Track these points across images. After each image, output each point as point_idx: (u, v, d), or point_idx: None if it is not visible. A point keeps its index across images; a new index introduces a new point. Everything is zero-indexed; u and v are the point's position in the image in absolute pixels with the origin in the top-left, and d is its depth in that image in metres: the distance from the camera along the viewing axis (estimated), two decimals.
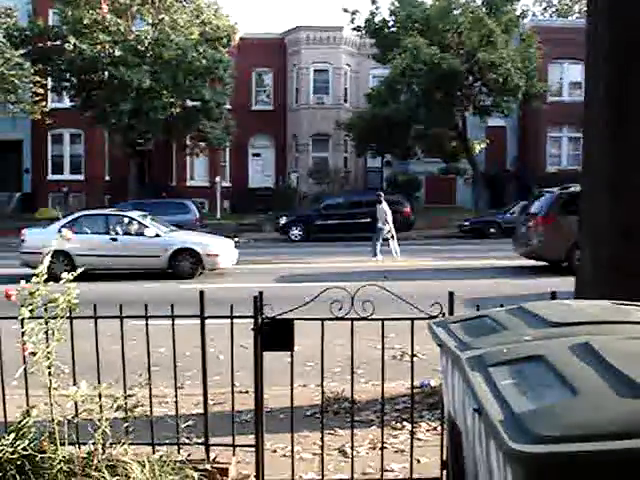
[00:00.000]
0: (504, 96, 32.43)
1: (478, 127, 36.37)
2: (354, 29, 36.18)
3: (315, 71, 42.08)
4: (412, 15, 33.07)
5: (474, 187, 36.80)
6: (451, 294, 4.61)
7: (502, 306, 3.46)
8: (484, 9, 32.87)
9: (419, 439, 5.65)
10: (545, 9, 59.21)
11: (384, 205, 22.22)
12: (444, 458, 4.46)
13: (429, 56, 30.33)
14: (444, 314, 4.46)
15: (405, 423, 6.12)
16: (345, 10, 35.14)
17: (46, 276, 4.05)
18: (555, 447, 1.84)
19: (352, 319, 4.60)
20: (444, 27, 32.15)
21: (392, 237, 21.95)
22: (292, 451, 4.93)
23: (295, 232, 30.00)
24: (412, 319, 4.65)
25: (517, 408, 2.05)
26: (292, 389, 4.90)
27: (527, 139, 40.97)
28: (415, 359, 5.20)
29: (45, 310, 4.11)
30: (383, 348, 4.81)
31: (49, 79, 35.18)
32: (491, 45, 31.11)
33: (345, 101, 42.39)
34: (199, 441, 5.06)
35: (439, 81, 31.06)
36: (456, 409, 2.99)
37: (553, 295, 4.39)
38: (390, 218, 22.05)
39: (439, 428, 5.40)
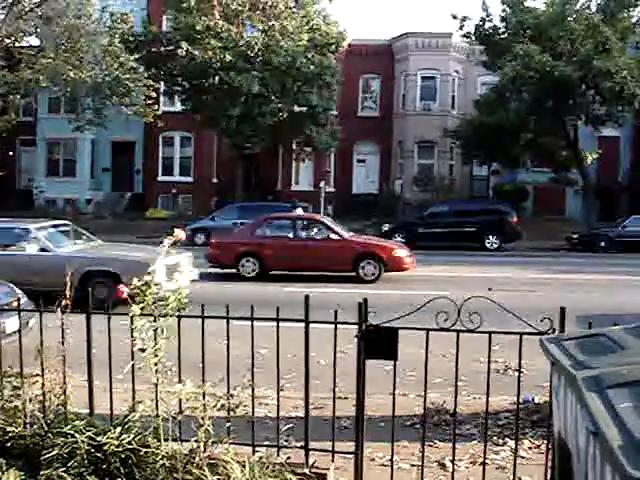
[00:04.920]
0: (619, 105, 31.29)
1: (590, 137, 35.24)
2: (463, 36, 35.68)
3: (422, 77, 41.78)
4: (524, 22, 32.31)
5: (584, 199, 35.67)
6: (563, 310, 4.43)
7: (616, 325, 3.32)
8: (599, 16, 31.81)
9: (522, 457, 5.50)
10: None
11: (298, 212, 22.15)
12: (548, 478, 4.31)
13: (541, 63, 29.57)
14: (554, 330, 4.29)
15: (507, 439, 5.98)
16: (454, 17, 34.62)
17: None
18: None
19: (458, 331, 4.50)
20: (557, 34, 31.28)
21: None
22: (392, 460, 4.87)
23: (398, 239, 29.80)
24: (521, 334, 4.49)
25: (638, 433, 1.95)
26: (394, 398, 4.83)
27: None
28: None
29: (155, 308, 4.20)
30: (489, 362, 4.67)
31: (161, 83, 36.22)
32: (606, 53, 30.10)
33: (452, 108, 41.89)
34: (298, 445, 5.07)
35: (550, 89, 30.26)
36: (567, 429, 2.88)
37: None
38: None
39: (543, 446, 5.23)
